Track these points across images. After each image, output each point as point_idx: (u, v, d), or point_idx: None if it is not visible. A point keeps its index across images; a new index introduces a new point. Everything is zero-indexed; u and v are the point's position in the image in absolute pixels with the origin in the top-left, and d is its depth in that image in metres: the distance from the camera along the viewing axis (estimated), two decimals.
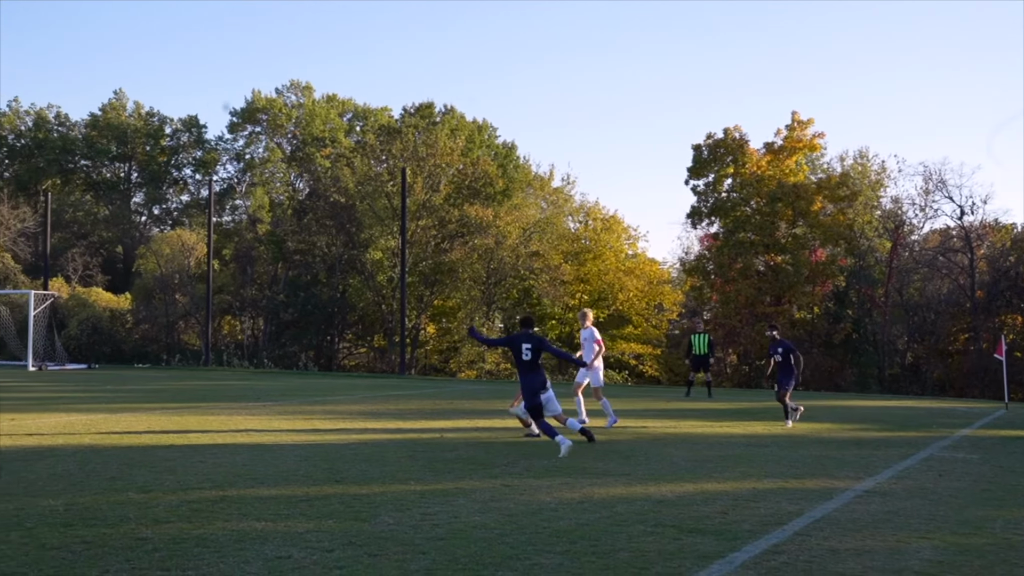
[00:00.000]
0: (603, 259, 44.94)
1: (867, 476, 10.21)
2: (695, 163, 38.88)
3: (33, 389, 23.86)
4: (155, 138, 64.56)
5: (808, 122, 37.72)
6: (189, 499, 8.24)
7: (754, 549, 6.63)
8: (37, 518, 7.33)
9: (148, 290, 46.46)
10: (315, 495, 8.53)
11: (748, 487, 9.36)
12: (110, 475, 9.49)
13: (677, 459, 11.43)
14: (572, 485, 9.31)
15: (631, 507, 8.19)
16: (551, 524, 7.39)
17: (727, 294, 37.04)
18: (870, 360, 35.72)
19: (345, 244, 43.70)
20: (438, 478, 9.65)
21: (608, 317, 44.66)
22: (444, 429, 14.52)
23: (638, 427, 15.49)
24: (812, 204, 36.30)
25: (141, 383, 27.08)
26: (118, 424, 14.57)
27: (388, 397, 22.31)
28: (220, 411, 17.40)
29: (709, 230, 40.07)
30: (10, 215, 51.96)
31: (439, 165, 42.88)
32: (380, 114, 60.80)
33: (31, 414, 16.14)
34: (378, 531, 7.04)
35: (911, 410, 20.69)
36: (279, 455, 11.23)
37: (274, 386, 26.41)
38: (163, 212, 67.76)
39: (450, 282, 42.29)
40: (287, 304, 43.91)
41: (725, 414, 18.39)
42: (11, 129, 65.45)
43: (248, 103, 58.82)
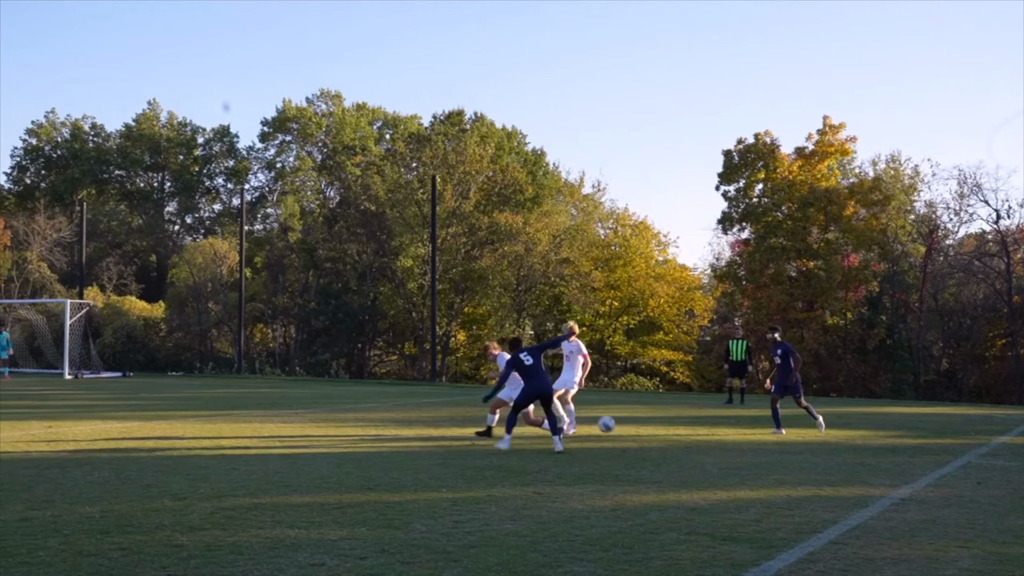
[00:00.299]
0: (633, 265, 44.83)
1: (903, 484, 10.10)
2: (726, 168, 38.71)
3: (69, 397, 24.13)
4: (188, 148, 65.27)
5: (840, 126, 37.46)
6: (223, 506, 8.29)
7: (789, 558, 6.58)
8: (74, 525, 7.41)
9: (181, 298, 46.92)
10: (348, 502, 8.56)
11: (782, 495, 9.28)
12: (145, 482, 9.57)
13: (709, 466, 11.36)
14: (604, 492, 9.28)
15: (664, 515, 8.15)
16: (583, 532, 7.37)
17: (758, 300, 36.82)
18: (905, 366, 35.36)
19: (375, 252, 43.90)
20: (470, 485, 9.65)
21: (639, 323, 44.55)
22: (475, 437, 14.51)
23: (669, 434, 15.41)
24: (844, 209, 36.03)
25: (175, 391, 27.32)
26: (153, 432, 14.71)
27: (419, 404, 22.35)
28: (253, 419, 17.52)
29: (740, 236, 39.87)
30: (46, 225, 52.66)
31: (469, 172, 42.99)
32: (410, 122, 61.07)
33: (68, 422, 16.33)
34: (411, 539, 7.05)
35: (947, 417, 20.45)
36: (312, 462, 11.28)
37: (306, 393, 26.55)
38: (196, 221, 68.45)
39: (480, 289, 42.35)
40: (318, 312, 44.16)
41: (757, 421, 18.25)
42: (48, 140, 66.42)
43: (279, 112, 59.30)
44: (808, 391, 34.47)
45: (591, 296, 42.30)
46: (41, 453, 11.92)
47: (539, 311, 45.36)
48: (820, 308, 36.11)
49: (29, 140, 66.47)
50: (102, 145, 66.27)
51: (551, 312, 45.84)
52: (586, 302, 42.35)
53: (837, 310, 36.54)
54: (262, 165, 61.90)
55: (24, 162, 66.76)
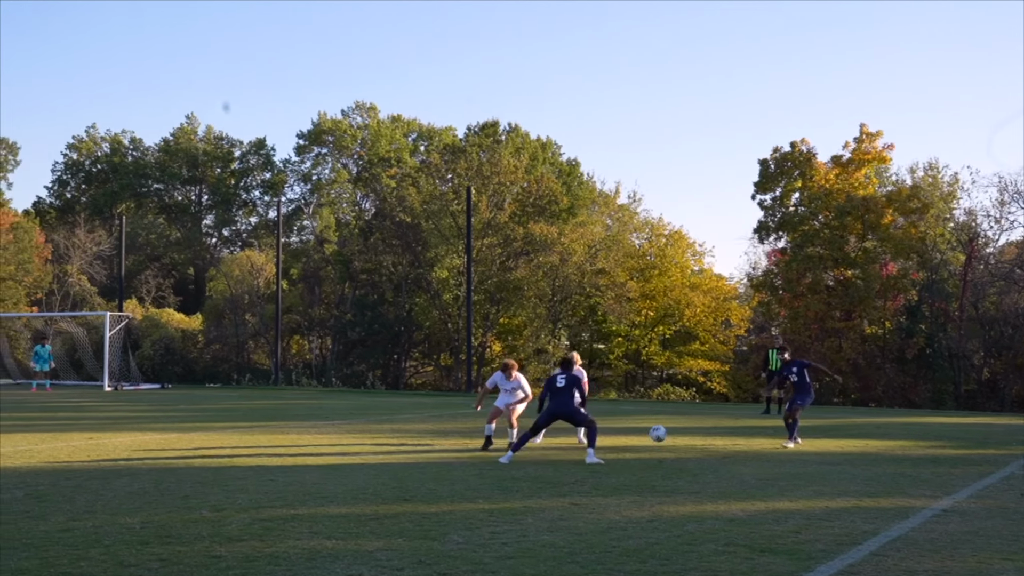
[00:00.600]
0: (669, 275, 44.63)
1: (944, 495, 9.96)
2: (762, 177, 38.45)
3: (109, 409, 24.43)
4: (225, 161, 66.02)
5: (877, 134, 37.09)
6: (261, 517, 8.35)
7: (828, 569, 6.51)
8: (115, 535, 7.50)
9: (218, 310, 47.35)
10: (384, 513, 8.59)
11: (821, 506, 9.19)
12: (184, 493, 9.67)
13: (747, 477, 11.27)
14: (641, 503, 9.25)
15: (701, 526, 8.10)
16: (620, 543, 7.34)
17: (795, 309, 36.50)
18: (945, 376, 34.86)
19: (411, 263, 44.07)
20: (506, 497, 9.65)
21: (675, 333, 44.33)
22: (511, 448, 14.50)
23: (706, 444, 15.32)
24: (882, 217, 35.65)
25: (212, 402, 27.57)
26: (191, 443, 14.85)
27: (455, 415, 22.39)
28: (290, 430, 17.64)
29: (776, 245, 39.56)
30: (86, 239, 53.42)
31: (503, 183, 43.05)
32: (444, 134, 61.33)
33: (107, 433, 16.53)
34: (447, 550, 7.06)
35: (989, 427, 20.15)
36: (348, 473, 11.33)
37: (342, 405, 26.68)
38: (232, 234, 69.15)
39: (515, 300, 42.34)
40: (354, 323, 44.39)
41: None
42: (88, 155, 67.50)
43: (315, 125, 59.83)
44: (847, 401, 34.24)
45: (627, 306, 42.15)
46: (82, 464, 12.08)
47: (574, 321, 45.28)
48: (858, 317, 35.72)
49: (70, 155, 67.61)
50: (141, 159, 67.23)
51: (586, 323, 45.73)
52: (621, 312, 42.21)
53: (875, 319, 36.11)
54: (298, 178, 62.44)
55: (65, 176, 67.91)
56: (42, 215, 62.91)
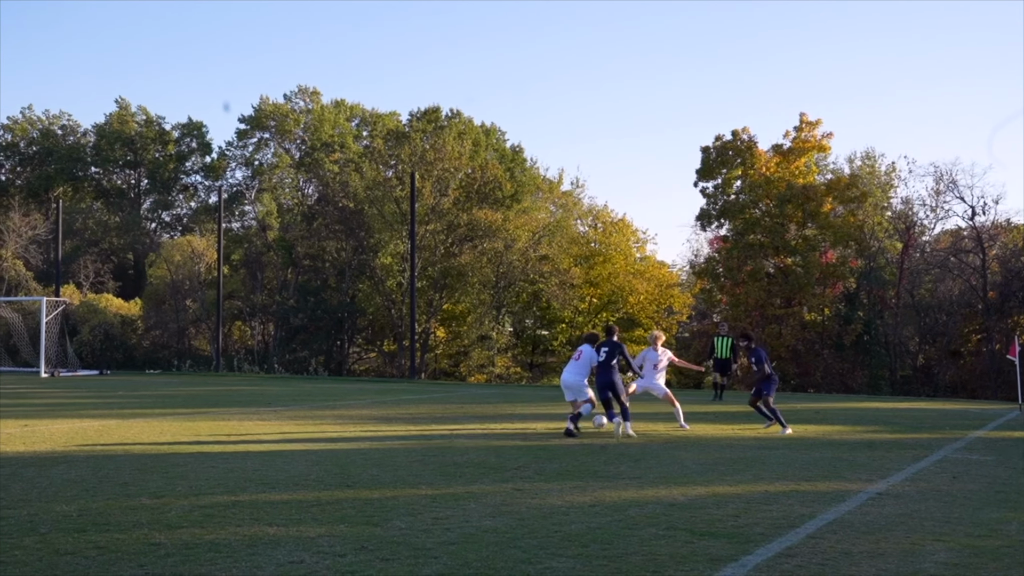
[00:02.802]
0: (612, 262, 44.94)
1: (880, 478, 10.18)
2: (704, 165, 38.81)
3: (46, 395, 23.95)
4: (162, 144, 64.83)
5: (816, 123, 37.63)
6: (201, 504, 8.26)
7: (766, 552, 6.62)
8: (51, 524, 7.36)
9: (159, 296, 46.63)
10: (327, 500, 8.54)
11: (760, 490, 9.34)
12: (123, 481, 9.52)
13: (688, 462, 11.41)
14: (583, 488, 9.30)
15: (643, 510, 8.18)
16: (562, 528, 7.39)
17: (737, 296, 36.96)
18: (881, 362, 35.59)
19: (354, 249, 43.79)
20: (449, 482, 9.65)
21: (618, 320, 44.64)
22: (454, 434, 14.52)
23: (648, 430, 15.46)
24: (822, 206, 36.20)
25: (152, 389, 27.16)
26: (130, 430, 14.62)
27: (398, 402, 22.33)
28: (231, 416, 17.44)
29: (718, 232, 39.99)
30: (21, 222, 52.18)
31: (447, 169, 42.94)
32: (388, 119, 60.84)
33: (44, 420, 16.20)
34: (390, 536, 7.04)
35: (923, 412, 20.62)
36: (290, 460, 11.24)
37: (285, 391, 26.46)
38: (173, 219, 68.01)
39: (460, 286, 42.33)
40: (297, 309, 44.00)
41: (735, 417, 18.36)
42: (23, 136, 65.80)
43: (256, 109, 58.96)
44: (786, 387, 34.78)
45: (570, 293, 42.36)
46: (16, 452, 11.83)
47: (518, 308, 45.39)
48: (798, 304, 36.28)
49: (4, 136, 65.86)
50: (77, 142, 65.75)
51: (531, 309, 45.86)
52: (565, 299, 42.41)
53: (815, 306, 36.73)
54: (239, 162, 61.55)
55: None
56: None
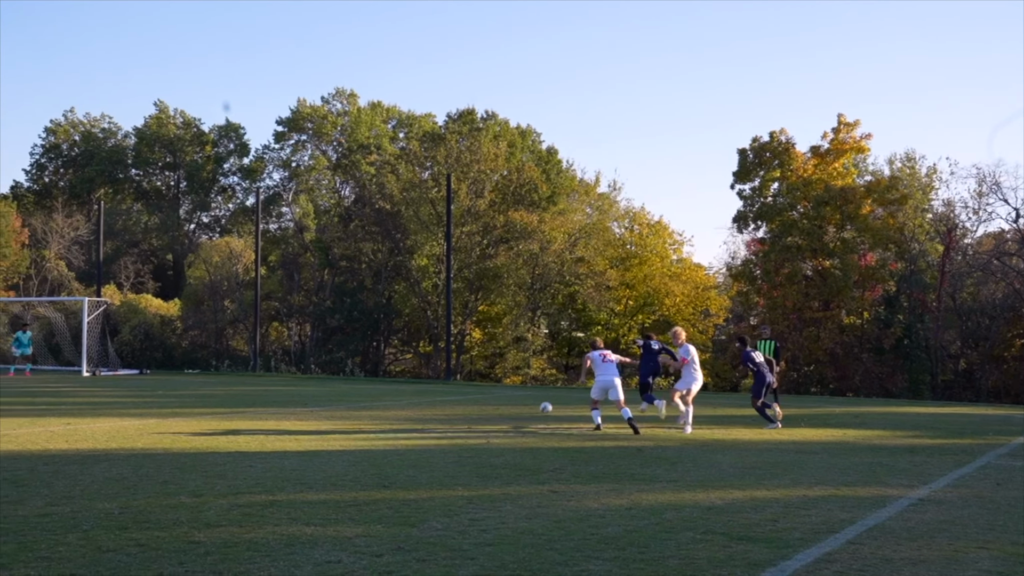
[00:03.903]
0: (648, 264, 44.73)
1: (921, 484, 10.04)
2: (741, 167, 38.57)
3: (87, 394, 24.26)
4: (200, 145, 65.52)
5: (855, 124, 37.27)
6: (240, 503, 8.32)
7: (806, 557, 6.55)
8: (93, 521, 7.45)
9: (197, 297, 47.10)
10: (363, 500, 8.57)
11: (798, 494, 9.25)
12: (163, 479, 9.62)
13: (725, 465, 11.33)
14: (619, 491, 9.27)
15: (680, 514, 8.13)
16: (599, 530, 7.36)
17: (774, 299, 36.68)
18: (922, 366, 35.15)
19: (390, 250, 43.95)
20: (485, 484, 9.65)
21: (654, 322, 44.47)
22: (490, 434, 14.53)
23: (685, 433, 15.38)
24: (860, 208, 35.83)
25: (191, 388, 27.44)
26: (170, 429, 14.77)
27: (434, 403, 22.38)
28: (269, 416, 17.58)
29: (755, 235, 39.72)
30: (64, 224, 52.97)
31: (483, 171, 42.98)
32: (424, 121, 61.04)
33: (86, 419, 16.42)
34: (426, 536, 7.05)
35: (965, 417, 20.33)
36: (327, 460, 11.30)
37: (321, 392, 26.61)
38: (211, 220, 68.70)
39: (495, 288, 42.34)
40: (333, 310, 44.24)
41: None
42: (66, 139, 66.80)
43: (293, 111, 59.39)
44: (824, 390, 34.46)
45: (606, 295, 42.23)
46: (60, 449, 12.00)
47: (554, 309, 45.32)
48: (836, 307, 35.95)
49: (48, 138, 66.89)
50: (118, 144, 66.62)
51: (566, 311, 45.78)
52: (601, 301, 42.29)
53: (853, 309, 36.36)
54: (277, 164, 62.04)
55: (43, 160, 67.19)
56: (19, 199, 62.27)
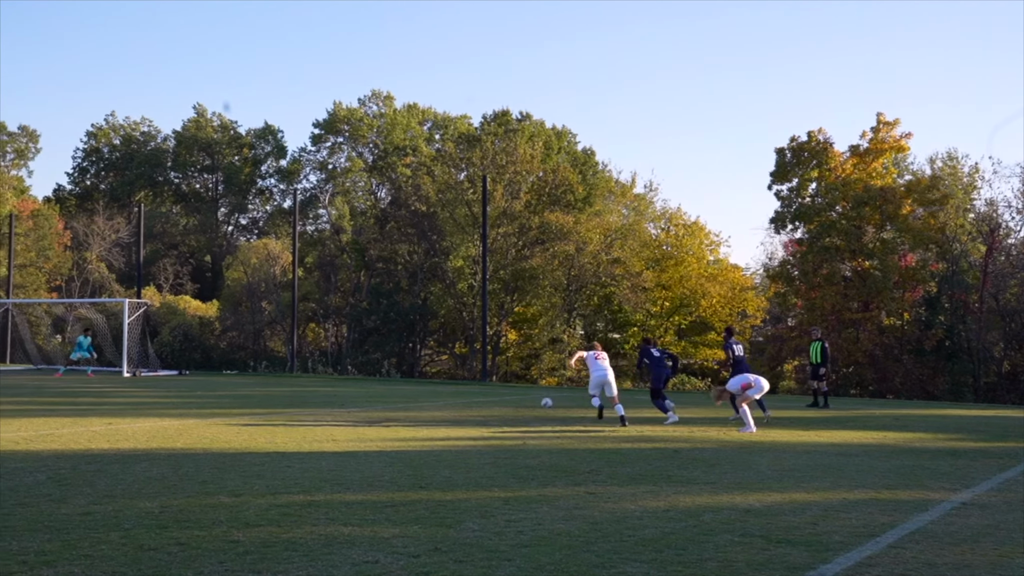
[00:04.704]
0: (685, 265, 44.53)
1: (964, 488, 9.90)
2: (778, 167, 38.27)
3: (128, 394, 24.57)
4: (237, 147, 66.20)
5: (894, 123, 36.84)
6: (278, 503, 8.39)
7: (846, 561, 6.48)
8: (134, 520, 7.54)
9: (235, 298, 47.54)
10: (400, 501, 8.61)
11: (838, 497, 9.15)
12: (202, 479, 9.71)
13: (763, 468, 11.24)
14: (657, 493, 9.23)
15: (717, 516, 8.08)
16: (636, 532, 7.33)
17: (812, 300, 36.35)
18: (964, 368, 34.63)
19: (426, 252, 44.10)
20: (522, 485, 9.65)
21: (691, 324, 44.27)
22: (527, 436, 14.53)
23: (722, 435, 15.27)
24: (900, 208, 35.42)
25: (229, 389, 27.69)
26: (209, 429, 14.92)
27: (470, 404, 22.41)
28: (306, 417, 17.70)
29: (793, 235, 39.40)
30: (105, 226, 53.72)
31: (519, 172, 43.00)
32: (459, 122, 61.27)
33: (127, 419, 16.64)
34: (463, 537, 7.06)
35: (1009, 420, 20.01)
36: (364, 461, 11.36)
37: (358, 392, 26.75)
38: (249, 222, 69.39)
39: (531, 289, 42.33)
40: (370, 311, 44.47)
41: (812, 422, 18.03)
42: (106, 143, 67.76)
43: (330, 114, 59.85)
44: (864, 392, 34.09)
45: (642, 296, 42.08)
46: (102, 449, 12.16)
47: (590, 311, 45.24)
48: (876, 308, 35.55)
49: (89, 142, 67.90)
50: (157, 148, 67.48)
51: (602, 312, 45.69)
52: (637, 302, 42.14)
53: (893, 311, 35.93)
54: (313, 166, 62.55)
55: (85, 164, 68.22)
56: (62, 202, 63.27)
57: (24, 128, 66.80)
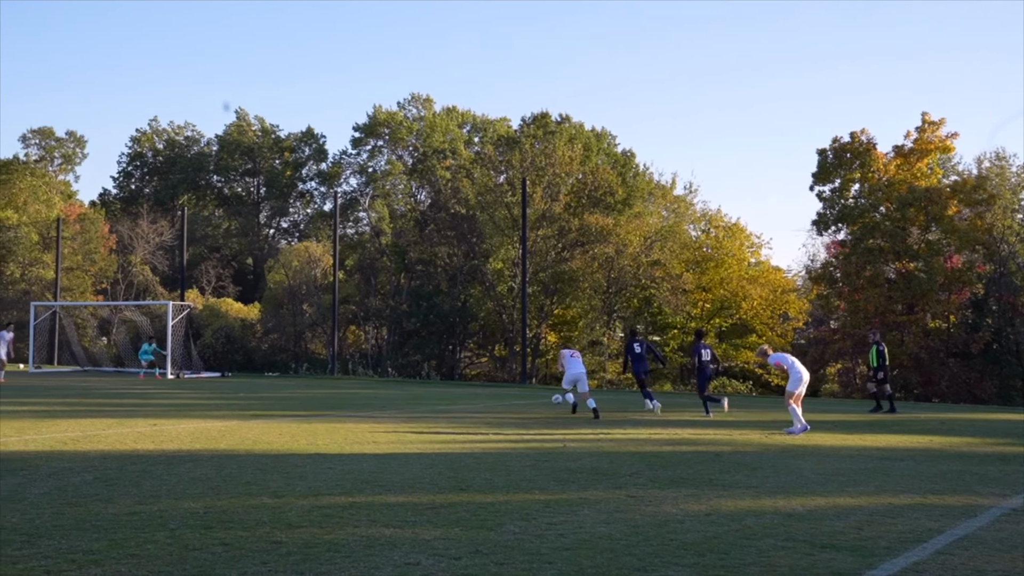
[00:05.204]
0: (726, 267, 44.23)
1: (1014, 493, 9.72)
2: (820, 168, 37.92)
3: (172, 396, 24.86)
4: (279, 151, 66.85)
5: (939, 123, 36.35)
6: (320, 504, 8.45)
7: (892, 567, 6.39)
8: (179, 520, 7.64)
9: (277, 300, 48.00)
10: (441, 503, 8.63)
11: (884, 502, 9.03)
12: (245, 480, 9.81)
13: (807, 472, 11.12)
14: (699, 497, 9.17)
15: (760, 520, 8.01)
16: (678, 536, 7.29)
17: (855, 303, 35.95)
18: (1013, 371, 34.06)
19: (466, 254, 44.22)
20: (562, 488, 9.63)
21: (731, 326, 43.94)
22: (567, 439, 14.50)
23: (764, 439, 15.14)
24: (946, 208, 34.92)
25: (271, 391, 27.94)
26: (251, 431, 15.06)
27: (510, 406, 22.42)
28: (347, 419, 17.80)
29: (836, 237, 38.99)
30: (149, 229, 54.49)
31: (558, 174, 42.97)
32: (498, 125, 61.36)
33: (171, 420, 16.84)
34: (504, 540, 7.06)
35: None
36: (405, 463, 11.40)
37: (398, 394, 26.87)
38: (290, 225, 70.03)
39: (570, 291, 42.27)
40: (410, 314, 44.67)
41: (856, 426, 17.82)
42: (150, 147, 68.75)
43: (370, 118, 60.22)
44: (908, 396, 33.63)
45: (682, 298, 41.86)
46: (147, 450, 12.32)
47: (629, 313, 45.08)
48: (921, 311, 35.08)
49: (134, 147, 68.94)
50: (200, 152, 68.34)
51: (642, 314, 45.51)
52: (677, 304, 41.92)
53: (939, 313, 35.41)
54: (354, 170, 62.98)
55: (130, 169, 69.28)
56: (107, 206, 64.28)
57: (71, 133, 68.03)
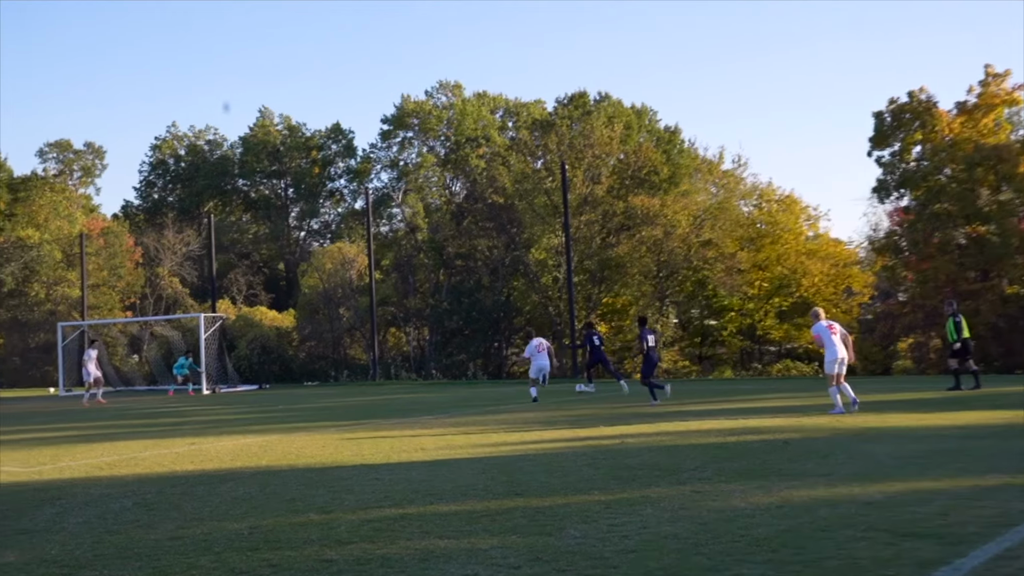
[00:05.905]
0: (782, 243, 43.81)
1: None
2: (877, 132, 37.42)
3: (208, 412, 25.14)
4: (305, 150, 67.23)
5: (1004, 74, 35.70)
6: (369, 518, 8.47)
7: (982, 554, 6.27)
8: (224, 542, 7.70)
9: (312, 306, 48.29)
10: (496, 509, 8.62)
11: (968, 485, 8.88)
12: (290, 497, 9.87)
13: (882, 456, 10.97)
14: (768, 488, 9.08)
15: (836, 511, 7.91)
16: (749, 531, 7.22)
17: (924, 272, 35.46)
18: None
19: (506, 246, 44.20)
20: (623, 487, 9.59)
21: (792, 305, 43.52)
22: (625, 434, 14.45)
23: (834, 423, 14.98)
24: (1017, 166, 34.32)
25: (311, 401, 28.15)
26: (293, 445, 15.17)
27: (561, 403, 22.39)
28: (392, 426, 17.88)
29: (899, 204, 38.48)
30: (175, 240, 55.11)
31: (598, 156, 42.78)
32: (533, 108, 61.17)
33: (209, 438, 17.02)
34: (565, 545, 7.04)
35: None
36: (456, 469, 11.42)
37: (444, 398, 26.95)
38: (321, 226, 70.44)
39: (619, 278, 42.10)
40: (451, 312, 44.73)
41: (932, 404, 17.57)
42: (171, 154, 69.53)
43: (398, 108, 60.33)
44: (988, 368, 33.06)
45: (738, 279, 41.51)
46: (186, 470, 12.45)
47: (683, 298, 44.81)
48: (996, 277, 34.53)
49: (154, 155, 69.77)
50: (223, 156, 68.98)
51: (696, 298, 45.23)
52: (733, 285, 41.59)
53: (1016, 278, 34.83)
54: (384, 164, 63.16)
55: (152, 178, 70.12)
56: (131, 218, 65.12)
57: (90, 145, 69.05)
